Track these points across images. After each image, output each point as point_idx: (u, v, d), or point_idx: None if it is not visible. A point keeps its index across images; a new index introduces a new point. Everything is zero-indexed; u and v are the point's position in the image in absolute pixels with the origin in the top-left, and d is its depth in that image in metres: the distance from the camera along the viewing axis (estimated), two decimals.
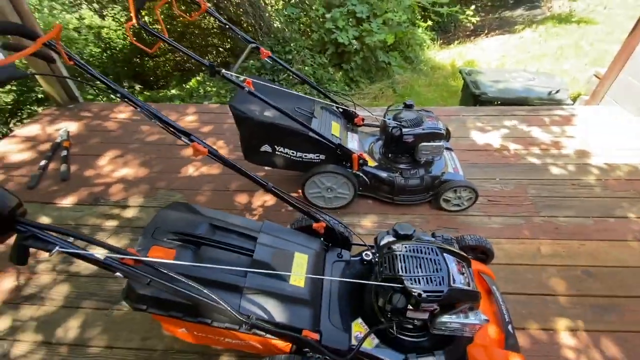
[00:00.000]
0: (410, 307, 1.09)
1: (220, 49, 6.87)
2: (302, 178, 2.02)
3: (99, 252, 0.84)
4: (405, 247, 1.20)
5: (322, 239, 1.46)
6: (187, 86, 5.61)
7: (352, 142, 2.13)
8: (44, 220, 2.11)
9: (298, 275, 1.22)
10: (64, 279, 1.78)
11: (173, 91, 5.65)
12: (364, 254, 1.41)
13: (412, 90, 5.43)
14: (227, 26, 1.87)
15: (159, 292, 1.03)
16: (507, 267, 1.81)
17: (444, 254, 1.19)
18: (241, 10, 5.56)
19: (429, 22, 6.80)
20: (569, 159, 2.56)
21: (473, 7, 6.87)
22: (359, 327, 1.24)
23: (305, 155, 1.99)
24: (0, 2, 2.46)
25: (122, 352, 1.50)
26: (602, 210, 2.14)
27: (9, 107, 5.30)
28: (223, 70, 1.57)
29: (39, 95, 5.09)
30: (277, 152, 1.98)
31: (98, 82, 1.11)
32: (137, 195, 2.26)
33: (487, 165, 2.49)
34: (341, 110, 2.26)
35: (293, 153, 1.98)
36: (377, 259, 1.27)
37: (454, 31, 8.24)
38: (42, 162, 2.46)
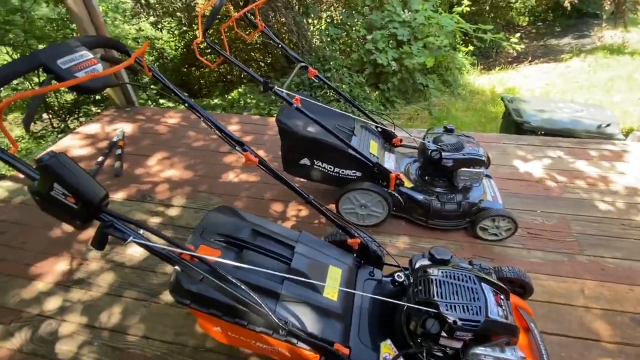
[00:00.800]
0: (443, 333, 1.08)
1: (262, 63, 7.20)
2: (337, 193, 2.06)
3: (161, 245, 0.92)
4: (442, 272, 1.19)
5: (354, 255, 1.48)
6: (229, 97, 5.91)
7: (389, 162, 2.15)
8: None
9: (332, 287, 1.25)
10: (110, 267, 1.92)
11: (216, 100, 5.97)
12: (396, 275, 1.40)
13: (448, 113, 5.38)
14: (280, 45, 1.99)
15: (204, 289, 1.09)
16: (546, 305, 1.73)
17: (482, 283, 1.17)
18: (285, 28, 5.84)
19: (470, 47, 6.76)
20: (618, 197, 2.41)
21: (518, 34, 6.74)
22: (387, 349, 1.24)
23: (343, 171, 2.04)
24: (82, 15, 2.78)
25: (157, 343, 1.57)
26: None
27: (68, 105, 5.85)
28: (276, 87, 1.67)
29: (96, 97, 5.58)
30: (315, 166, 2.04)
31: (167, 90, 1.24)
32: (180, 196, 2.40)
33: (528, 197, 2.40)
34: (380, 129, 2.31)
35: (331, 168, 2.03)
36: (410, 281, 1.27)
37: (495, 57, 8.10)
38: (100, 158, 2.69)
